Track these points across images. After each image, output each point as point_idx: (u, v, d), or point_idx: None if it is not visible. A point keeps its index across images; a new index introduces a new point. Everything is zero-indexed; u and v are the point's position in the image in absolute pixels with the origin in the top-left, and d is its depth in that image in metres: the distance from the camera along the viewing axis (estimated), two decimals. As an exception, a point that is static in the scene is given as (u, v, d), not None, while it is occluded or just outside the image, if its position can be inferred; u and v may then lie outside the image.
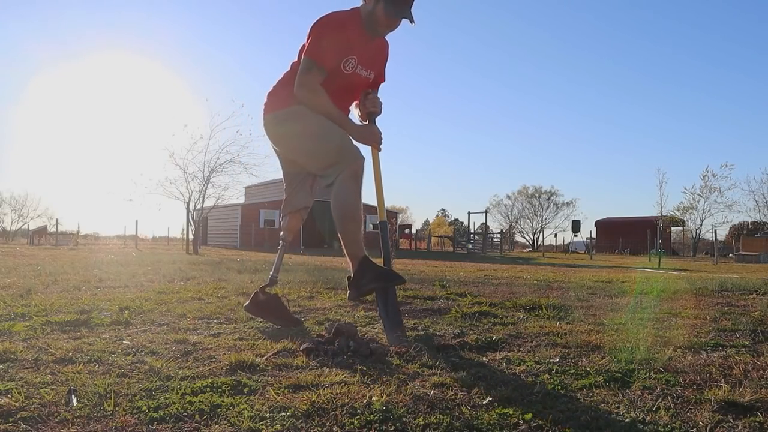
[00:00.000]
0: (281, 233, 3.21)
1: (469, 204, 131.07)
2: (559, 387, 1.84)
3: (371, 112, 2.89)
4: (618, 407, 1.65)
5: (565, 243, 44.44)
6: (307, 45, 2.68)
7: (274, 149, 2.99)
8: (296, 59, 2.81)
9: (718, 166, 43.64)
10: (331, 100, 2.70)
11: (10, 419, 1.50)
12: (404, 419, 1.53)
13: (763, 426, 1.53)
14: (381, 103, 2.92)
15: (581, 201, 66.87)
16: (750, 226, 38.12)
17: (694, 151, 79.61)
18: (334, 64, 2.68)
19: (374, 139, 2.80)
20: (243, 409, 1.59)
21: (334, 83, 2.72)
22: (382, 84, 3.03)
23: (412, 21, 2.66)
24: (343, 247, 2.72)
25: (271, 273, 3.09)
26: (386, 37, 2.89)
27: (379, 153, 2.86)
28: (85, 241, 38.25)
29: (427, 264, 11.67)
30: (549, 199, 55.73)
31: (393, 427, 1.48)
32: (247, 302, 3.07)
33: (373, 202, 2.92)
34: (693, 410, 1.64)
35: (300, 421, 1.52)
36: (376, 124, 2.91)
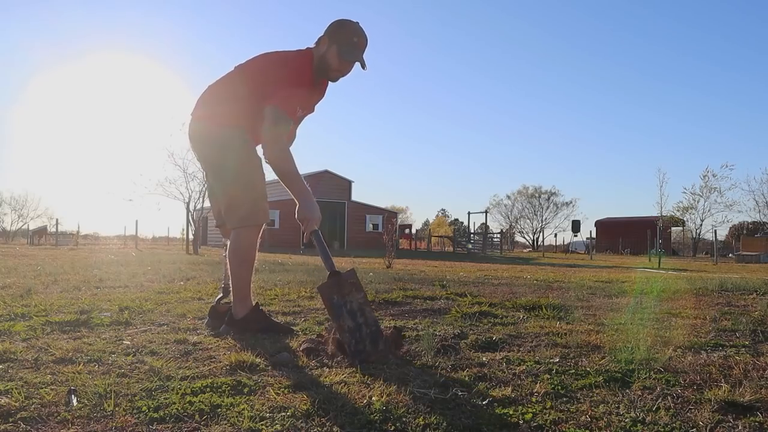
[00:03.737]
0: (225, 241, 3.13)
1: (469, 204, 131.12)
2: (559, 387, 1.84)
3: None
4: (618, 407, 1.65)
5: (565, 243, 44.39)
6: (271, 91, 2.57)
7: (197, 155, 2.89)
8: (233, 71, 2.75)
9: (718, 166, 43.60)
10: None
11: (10, 419, 1.50)
12: (404, 419, 1.53)
13: (763, 426, 1.53)
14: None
15: (581, 201, 66.80)
16: (750, 226, 38.08)
17: (694, 151, 79.65)
18: (297, 112, 2.66)
19: (312, 224, 2.56)
20: (243, 409, 1.59)
21: None
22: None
23: (364, 66, 2.68)
24: (233, 288, 2.72)
25: (222, 282, 3.13)
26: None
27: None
28: (85, 241, 38.25)
29: (427, 264, 11.67)
30: (549, 199, 55.69)
31: (393, 427, 1.48)
32: (222, 325, 2.78)
33: (374, 203, 2.93)
34: (693, 410, 1.64)
35: (300, 421, 1.52)
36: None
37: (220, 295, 3.08)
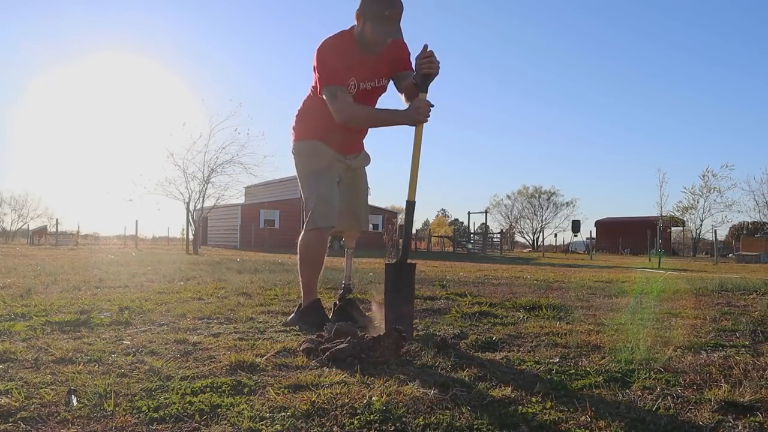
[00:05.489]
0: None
1: (469, 204, 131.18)
2: (559, 387, 1.84)
3: (426, 74, 2.65)
4: (618, 407, 1.65)
5: (565, 243, 44.37)
6: (318, 77, 2.81)
7: None
8: (310, 93, 2.99)
9: (718, 166, 43.64)
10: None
11: (10, 419, 1.50)
12: (404, 419, 1.53)
13: (763, 426, 1.53)
14: (437, 63, 2.63)
15: (581, 201, 66.76)
16: (750, 226, 38.11)
17: (694, 151, 79.67)
18: (347, 80, 2.80)
19: (421, 116, 2.64)
20: (243, 409, 1.59)
21: None
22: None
23: (401, 38, 2.85)
24: (301, 282, 3.07)
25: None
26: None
27: (423, 125, 2.68)
28: (85, 241, 38.24)
29: (427, 264, 11.67)
30: (549, 199, 55.62)
31: (393, 427, 1.48)
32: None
33: (374, 203, 3.00)
34: (693, 410, 1.64)
35: (300, 421, 1.51)
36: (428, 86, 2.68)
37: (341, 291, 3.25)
